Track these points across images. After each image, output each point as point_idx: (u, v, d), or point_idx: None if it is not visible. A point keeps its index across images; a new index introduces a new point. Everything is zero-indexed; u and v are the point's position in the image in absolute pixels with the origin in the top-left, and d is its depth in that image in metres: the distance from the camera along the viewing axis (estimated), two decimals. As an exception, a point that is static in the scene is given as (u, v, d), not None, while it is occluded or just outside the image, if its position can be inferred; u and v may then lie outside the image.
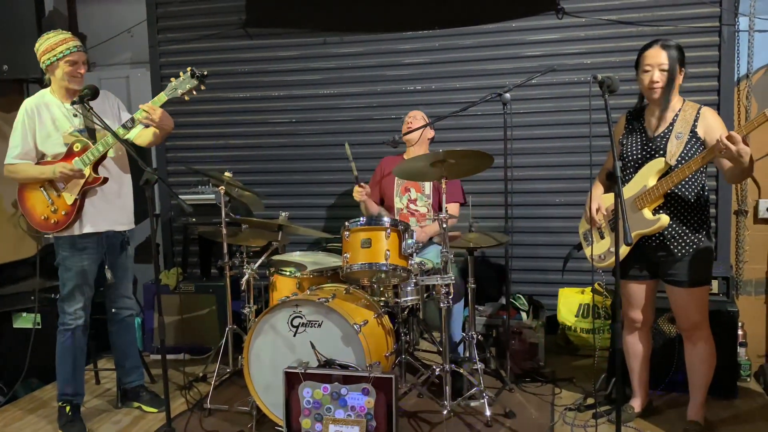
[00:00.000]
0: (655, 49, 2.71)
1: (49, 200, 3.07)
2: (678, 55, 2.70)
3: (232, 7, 4.70)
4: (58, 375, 3.23)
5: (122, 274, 3.33)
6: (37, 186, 3.08)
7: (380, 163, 4.08)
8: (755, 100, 3.96)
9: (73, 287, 3.14)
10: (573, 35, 4.20)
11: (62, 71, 3.01)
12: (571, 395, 3.41)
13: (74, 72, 3.03)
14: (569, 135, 4.23)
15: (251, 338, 3.02)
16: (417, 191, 3.87)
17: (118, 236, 3.25)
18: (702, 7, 3.96)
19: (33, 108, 3.06)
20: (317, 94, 4.66)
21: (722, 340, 3.07)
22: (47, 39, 3.01)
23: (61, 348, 3.20)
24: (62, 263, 3.15)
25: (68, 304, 3.16)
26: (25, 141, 3.05)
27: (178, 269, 4.39)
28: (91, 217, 3.11)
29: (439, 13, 4.38)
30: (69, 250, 3.12)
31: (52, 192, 3.07)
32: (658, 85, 2.71)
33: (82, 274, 3.14)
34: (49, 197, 3.07)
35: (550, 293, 4.22)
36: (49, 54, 2.99)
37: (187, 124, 4.77)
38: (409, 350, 3.47)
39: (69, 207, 3.06)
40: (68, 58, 3.00)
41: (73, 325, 3.17)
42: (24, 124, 3.05)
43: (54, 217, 3.07)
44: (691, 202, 2.74)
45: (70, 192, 3.05)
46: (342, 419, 2.73)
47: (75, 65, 3.03)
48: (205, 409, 3.29)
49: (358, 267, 3.10)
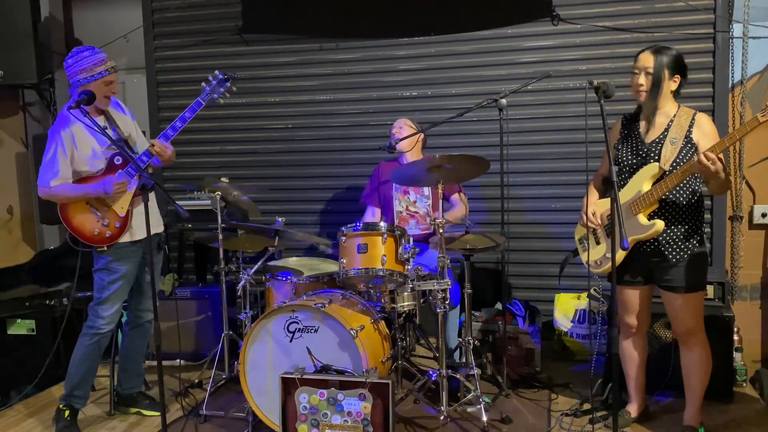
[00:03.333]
0: (646, 54, 2.76)
1: (99, 215, 3.10)
2: (668, 62, 2.72)
3: (229, 14, 4.70)
4: (72, 376, 3.21)
5: (145, 276, 3.32)
6: (83, 203, 3.10)
7: (377, 168, 4.08)
8: (749, 106, 3.98)
9: (114, 291, 3.16)
10: (568, 42, 4.22)
11: (97, 89, 3.00)
12: (567, 401, 3.41)
13: (108, 92, 3.07)
14: (565, 141, 4.24)
15: (247, 344, 3.01)
16: (416, 193, 3.88)
17: (156, 237, 3.28)
18: (696, 14, 3.99)
19: (68, 130, 3.04)
20: (313, 100, 4.66)
21: (718, 345, 3.08)
22: (84, 57, 3.00)
23: (84, 350, 3.19)
24: (106, 267, 3.16)
25: (104, 308, 3.16)
26: (63, 162, 3.05)
27: (173, 275, 4.38)
28: (139, 223, 3.13)
29: (435, 19, 4.39)
30: (115, 254, 3.14)
31: (101, 207, 3.10)
32: (642, 88, 2.76)
33: (127, 278, 3.19)
34: (98, 212, 3.10)
35: (546, 299, 4.23)
36: (87, 73, 2.99)
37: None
38: (405, 356, 3.46)
39: (122, 219, 3.12)
40: (107, 78, 3.03)
41: (105, 330, 3.18)
42: (62, 146, 3.04)
43: (107, 230, 3.11)
44: (686, 207, 2.75)
45: (121, 204, 3.11)
46: (339, 425, 2.72)
47: (110, 84, 3.06)
48: (201, 415, 3.27)
49: (354, 272, 3.10)
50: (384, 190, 3.98)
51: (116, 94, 3.15)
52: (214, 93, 3.22)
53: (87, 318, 3.21)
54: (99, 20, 5.04)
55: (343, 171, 4.59)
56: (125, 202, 3.11)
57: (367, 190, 4.10)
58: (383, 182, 3.99)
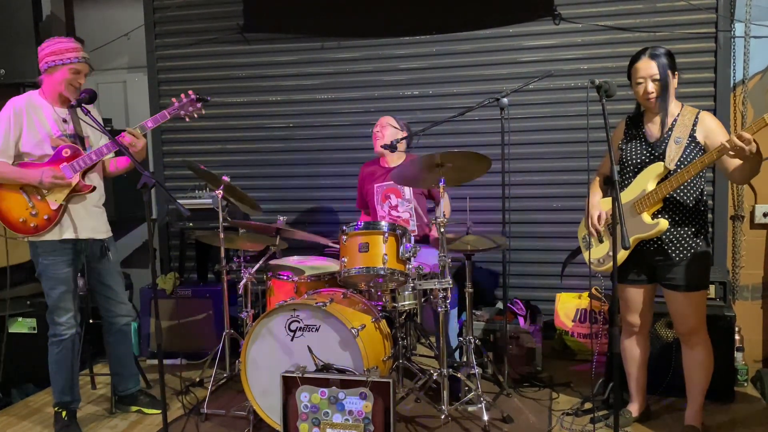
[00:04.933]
0: (645, 61, 2.72)
1: (30, 203, 2.99)
2: (668, 62, 2.71)
3: (230, 12, 4.71)
4: (54, 384, 3.18)
5: (110, 280, 3.29)
6: (17, 187, 2.99)
7: (360, 171, 4.08)
8: (751, 106, 3.97)
9: (59, 296, 3.09)
10: (570, 41, 4.21)
11: (63, 77, 2.99)
12: (568, 400, 3.41)
13: (75, 81, 3.03)
14: (567, 140, 4.24)
15: (248, 343, 3.00)
16: (397, 197, 3.86)
17: (98, 244, 3.20)
18: (698, 13, 3.99)
19: (22, 108, 2.99)
20: (314, 99, 4.66)
21: (719, 344, 3.08)
22: (57, 42, 3.00)
23: (55, 359, 3.14)
24: (44, 272, 3.09)
25: (58, 314, 3.10)
26: (7, 139, 2.97)
27: (174, 274, 4.38)
28: (72, 223, 3.06)
29: (436, 18, 4.39)
30: (50, 257, 3.05)
31: (34, 195, 3.00)
32: (652, 95, 2.73)
33: (66, 282, 3.09)
34: (30, 200, 2.99)
35: (547, 298, 4.23)
36: (56, 56, 2.96)
37: (183, 128, 4.77)
38: (406, 355, 3.46)
39: (52, 212, 3.01)
40: (74, 66, 2.99)
41: (66, 335, 3.12)
42: (9, 122, 2.97)
43: (34, 220, 3.00)
44: (690, 206, 2.75)
45: (55, 197, 3.01)
46: (339, 423, 2.72)
47: (77, 74, 3.02)
48: (202, 414, 3.27)
49: (355, 271, 3.10)
50: (367, 193, 3.98)
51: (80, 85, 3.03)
52: (182, 110, 3.12)
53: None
54: (100, 19, 5.05)
55: (344, 170, 4.59)
56: (60, 196, 2.99)
57: (358, 195, 4.11)
58: (365, 185, 4.00)
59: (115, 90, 5.09)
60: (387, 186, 3.85)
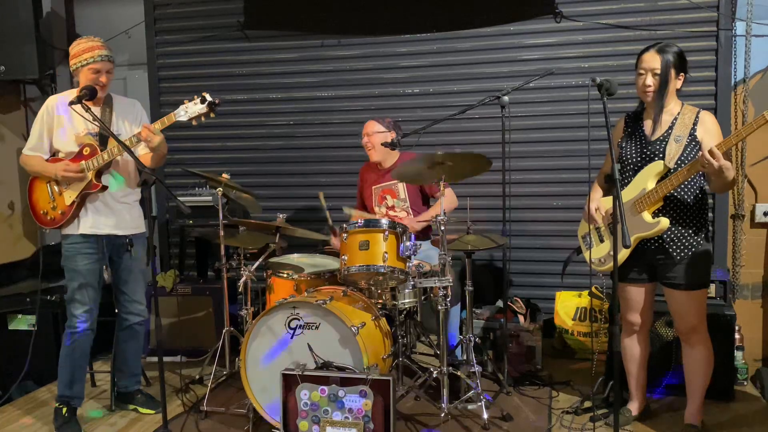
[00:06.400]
0: (651, 54, 2.73)
1: (51, 196, 3.14)
2: (674, 60, 2.71)
3: (230, 10, 4.70)
4: (61, 377, 3.20)
5: (128, 277, 3.30)
6: (45, 180, 3.15)
7: (359, 174, 4.09)
8: (752, 105, 3.97)
9: (76, 289, 3.14)
10: (571, 39, 4.21)
11: (85, 78, 3.05)
12: (568, 398, 3.41)
13: (96, 81, 3.06)
14: (567, 138, 4.24)
15: (248, 340, 3.00)
16: (392, 197, 3.86)
17: (121, 239, 3.24)
18: (699, 11, 3.98)
19: (54, 105, 3.13)
20: (315, 96, 4.66)
21: (719, 343, 3.07)
22: (78, 44, 3.07)
23: (65, 351, 3.18)
24: (65, 264, 3.18)
25: (74, 307, 3.16)
26: (41, 135, 3.14)
27: (174, 271, 4.38)
28: (91, 219, 3.13)
29: (437, 16, 4.39)
30: (71, 250, 3.14)
31: (55, 189, 3.14)
32: (650, 89, 2.74)
33: (83, 275, 3.14)
34: (51, 194, 3.14)
35: (547, 296, 4.23)
36: (76, 60, 3.05)
37: (183, 125, 4.74)
38: (406, 353, 3.46)
39: (66, 207, 3.11)
40: (92, 66, 3.04)
41: (79, 328, 3.16)
42: (42, 119, 3.14)
43: (52, 213, 3.14)
44: (690, 205, 2.74)
45: (70, 193, 3.11)
46: (339, 421, 2.72)
47: (97, 74, 3.06)
48: (202, 412, 3.27)
49: (356, 269, 3.10)
50: (365, 194, 4.00)
51: (105, 83, 3.07)
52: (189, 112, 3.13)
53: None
54: (101, 16, 5.04)
55: (345, 168, 4.59)
56: (74, 193, 3.09)
57: (357, 197, 4.14)
58: (364, 188, 4.02)
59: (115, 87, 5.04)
60: (383, 187, 3.87)
